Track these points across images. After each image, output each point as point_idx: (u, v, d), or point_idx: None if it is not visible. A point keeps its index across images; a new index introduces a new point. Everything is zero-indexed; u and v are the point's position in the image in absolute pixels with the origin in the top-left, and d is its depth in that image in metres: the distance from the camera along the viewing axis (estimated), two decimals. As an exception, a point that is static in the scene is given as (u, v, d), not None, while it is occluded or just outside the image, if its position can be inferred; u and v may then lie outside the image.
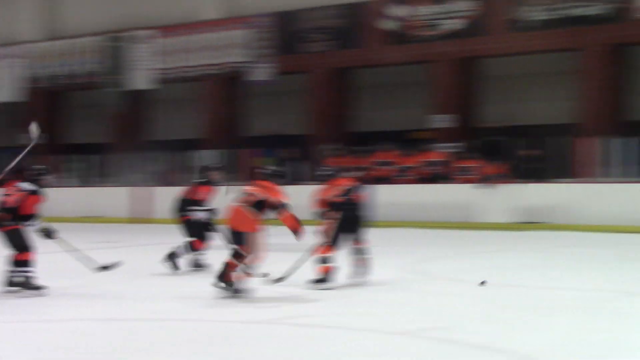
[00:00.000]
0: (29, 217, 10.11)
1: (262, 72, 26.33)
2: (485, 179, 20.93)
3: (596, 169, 20.30)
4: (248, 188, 10.02)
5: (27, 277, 10.07)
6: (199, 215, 12.33)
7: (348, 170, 11.35)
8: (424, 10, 24.20)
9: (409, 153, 22.71)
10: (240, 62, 26.82)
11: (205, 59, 27.44)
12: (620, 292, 10.18)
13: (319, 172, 11.15)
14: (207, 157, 25.67)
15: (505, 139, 21.88)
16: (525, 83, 24.67)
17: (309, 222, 10.24)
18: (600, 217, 18.91)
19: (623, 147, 20.23)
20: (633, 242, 16.58)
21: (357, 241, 10.75)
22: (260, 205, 9.82)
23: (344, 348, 7.32)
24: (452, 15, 23.82)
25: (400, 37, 24.53)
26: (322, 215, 10.68)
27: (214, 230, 12.30)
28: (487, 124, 23.62)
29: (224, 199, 10.67)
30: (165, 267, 12.20)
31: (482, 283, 10.41)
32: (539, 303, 9.44)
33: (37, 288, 10.09)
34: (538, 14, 22.63)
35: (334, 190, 10.72)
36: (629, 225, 18.39)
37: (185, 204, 12.50)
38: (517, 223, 20.00)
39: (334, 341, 7.63)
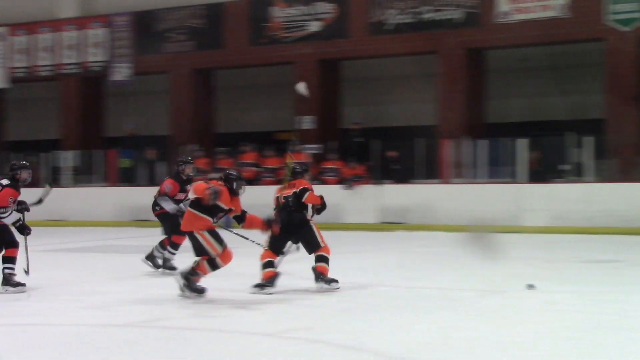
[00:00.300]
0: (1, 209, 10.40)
1: (121, 72, 25.96)
2: (348, 180, 21.13)
3: (456, 170, 20.75)
4: None
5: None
6: (166, 207, 12.11)
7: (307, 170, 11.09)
8: (286, 12, 24.26)
9: (273, 154, 22.71)
10: (99, 62, 26.37)
11: (64, 57, 26.85)
12: (482, 291, 10.41)
13: (292, 168, 10.87)
14: (66, 158, 25.20)
15: (367, 140, 22.10)
16: (387, 85, 25.04)
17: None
18: (460, 217, 19.32)
19: (481, 149, 20.72)
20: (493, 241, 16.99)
21: (308, 249, 10.53)
22: (201, 204, 9.67)
23: (211, 350, 7.26)
24: (312, 17, 23.94)
25: (262, 38, 24.53)
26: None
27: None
28: (349, 125, 23.83)
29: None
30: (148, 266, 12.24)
31: (530, 286, 10.25)
32: (404, 302, 9.56)
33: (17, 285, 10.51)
34: (397, 18, 22.95)
35: (286, 191, 10.58)
36: (490, 225, 18.84)
37: (155, 202, 12.36)
38: (381, 223, 20.26)
39: (201, 344, 7.56)
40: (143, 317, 8.79)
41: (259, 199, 21.43)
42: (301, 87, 11.36)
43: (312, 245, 10.51)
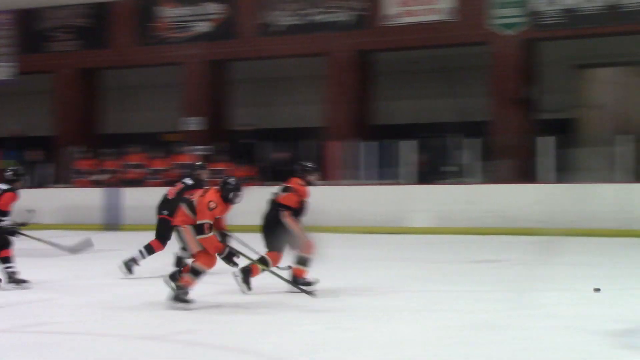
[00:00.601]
0: (2, 213, 10.68)
1: (3, 71, 25.39)
2: (236, 182, 21.02)
3: (345, 172, 20.86)
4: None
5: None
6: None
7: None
8: (174, 12, 24.10)
9: (160, 155, 22.52)
10: (-19, 61, 25.78)
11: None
12: (370, 292, 10.47)
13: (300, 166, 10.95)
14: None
15: (255, 141, 22.10)
16: (276, 86, 25.14)
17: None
18: (348, 218, 19.42)
19: (369, 151, 20.90)
20: (380, 242, 17.12)
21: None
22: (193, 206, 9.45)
23: (88, 354, 7.17)
24: (201, 17, 23.82)
25: (149, 38, 24.32)
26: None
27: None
28: (237, 126, 23.81)
29: None
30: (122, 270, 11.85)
31: (597, 290, 10.02)
32: (292, 304, 9.58)
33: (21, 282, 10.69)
34: (286, 19, 23.03)
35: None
36: (376, 226, 19.00)
37: (165, 204, 11.99)
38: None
39: (76, 348, 7.44)
40: (22, 322, 8.64)
41: (144, 200, 21.29)
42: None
43: (289, 243, 10.51)
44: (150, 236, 12.14)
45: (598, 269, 12.85)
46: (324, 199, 20.12)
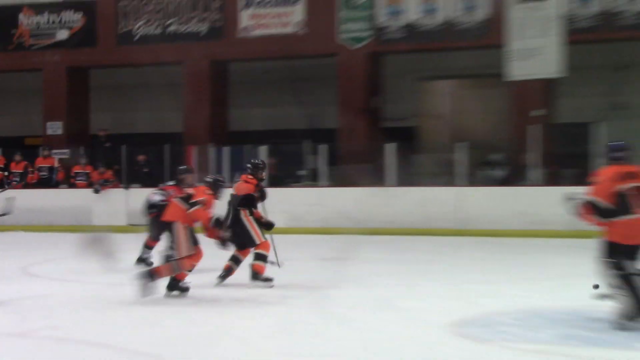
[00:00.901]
0: None
1: None
2: (96, 184, 21.39)
3: (201, 175, 21.35)
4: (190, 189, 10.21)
5: None
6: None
7: None
8: (33, 19, 24.26)
9: (20, 159, 22.55)
10: None
11: None
12: (227, 287, 10.83)
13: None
14: None
15: (115, 145, 22.38)
16: (135, 93, 25.41)
17: None
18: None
19: (224, 155, 21.53)
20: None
21: (241, 245, 11.01)
22: (189, 201, 9.87)
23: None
24: (61, 25, 24.05)
25: (8, 44, 24.44)
26: None
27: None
28: (97, 131, 23.97)
29: None
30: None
31: (596, 287, 9.68)
32: (152, 300, 9.73)
33: None
34: (145, 29, 23.51)
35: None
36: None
37: (152, 204, 12.31)
38: (129, 225, 20.61)
39: None
40: None
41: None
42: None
43: (247, 241, 10.92)
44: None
45: (437, 265, 13.63)
46: (182, 202, 20.75)
